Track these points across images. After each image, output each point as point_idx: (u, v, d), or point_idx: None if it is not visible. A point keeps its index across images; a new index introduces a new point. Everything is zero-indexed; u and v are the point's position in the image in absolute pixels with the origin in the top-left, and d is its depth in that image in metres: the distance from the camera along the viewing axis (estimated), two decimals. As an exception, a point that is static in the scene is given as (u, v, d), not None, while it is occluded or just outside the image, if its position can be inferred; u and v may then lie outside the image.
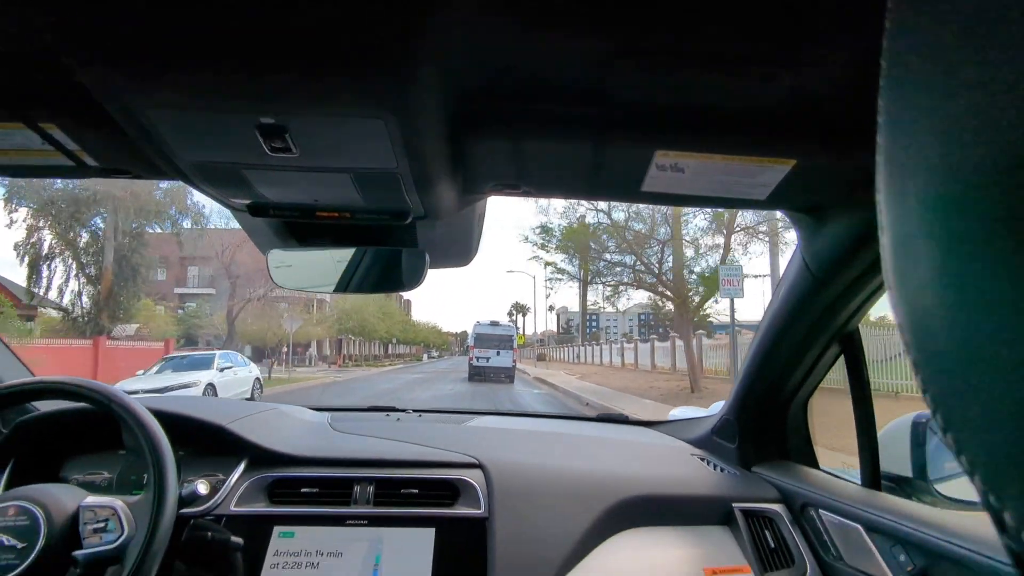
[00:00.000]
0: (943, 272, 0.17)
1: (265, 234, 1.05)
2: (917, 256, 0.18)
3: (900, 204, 0.19)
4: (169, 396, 1.79)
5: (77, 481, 1.11)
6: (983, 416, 0.16)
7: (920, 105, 0.18)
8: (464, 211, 0.96)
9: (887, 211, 0.20)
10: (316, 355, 34.28)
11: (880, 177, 0.20)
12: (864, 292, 1.02)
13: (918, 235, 0.18)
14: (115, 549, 0.84)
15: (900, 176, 0.19)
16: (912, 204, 0.18)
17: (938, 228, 0.17)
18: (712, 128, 0.74)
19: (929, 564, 0.86)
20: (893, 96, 0.20)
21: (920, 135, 0.18)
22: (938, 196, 0.17)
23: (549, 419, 1.82)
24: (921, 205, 0.18)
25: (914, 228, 0.18)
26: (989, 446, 0.16)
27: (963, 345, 0.17)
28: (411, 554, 1.02)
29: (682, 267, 14.02)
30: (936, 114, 0.17)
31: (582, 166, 0.80)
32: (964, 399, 0.17)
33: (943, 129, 0.17)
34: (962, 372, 0.17)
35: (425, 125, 0.67)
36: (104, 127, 0.70)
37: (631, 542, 1.11)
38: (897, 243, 0.19)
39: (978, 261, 0.16)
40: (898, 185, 0.19)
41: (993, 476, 0.16)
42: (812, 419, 1.33)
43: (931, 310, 0.18)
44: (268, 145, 0.68)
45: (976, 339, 0.16)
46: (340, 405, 1.71)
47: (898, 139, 0.19)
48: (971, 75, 0.16)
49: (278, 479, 1.11)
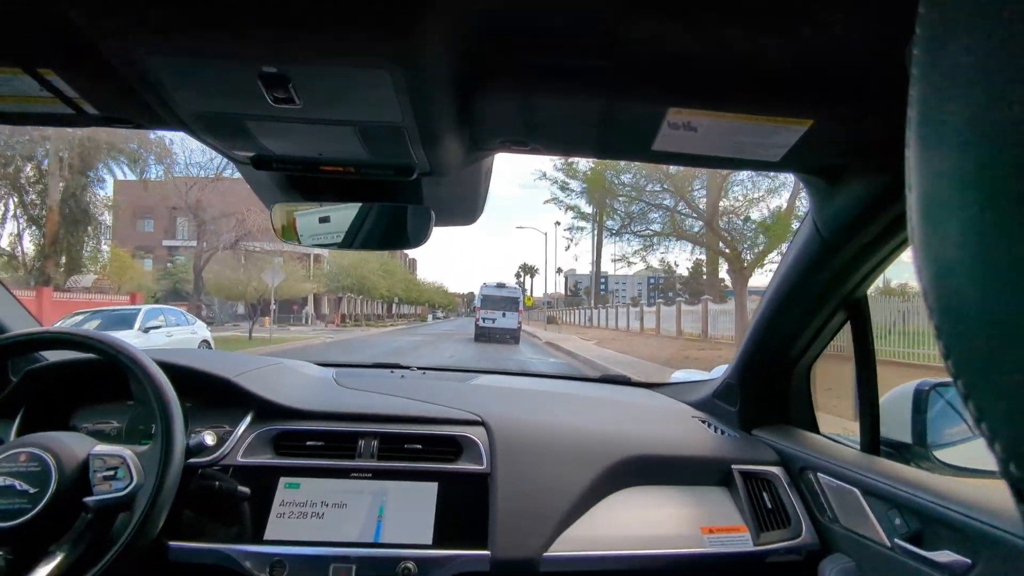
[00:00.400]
0: (975, 231, 0.16)
1: (269, 188, 1.04)
2: (947, 214, 0.17)
3: (932, 159, 0.18)
4: (176, 349, 1.82)
5: (87, 430, 1.13)
6: (1007, 383, 0.15)
7: (959, 52, 0.17)
8: (470, 168, 0.95)
9: (917, 167, 0.19)
10: (313, 314, 33.00)
11: (911, 131, 0.19)
12: (875, 258, 1.01)
13: (950, 191, 0.17)
14: (125, 496, 0.86)
15: (934, 129, 0.18)
16: (945, 159, 0.17)
17: (973, 184, 0.16)
18: (728, 86, 0.71)
19: (923, 527, 0.87)
20: (929, 43, 0.18)
21: (958, 85, 0.17)
22: (975, 150, 0.16)
23: (552, 379, 1.84)
24: (955, 159, 0.17)
25: (946, 184, 0.17)
26: (1012, 414, 0.16)
27: (991, 308, 0.16)
28: (414, 507, 1.05)
29: (734, 214, 12.40)
30: (977, 60, 0.16)
31: (593, 123, 0.78)
32: (988, 365, 0.16)
33: (984, 76, 0.16)
34: (988, 337, 0.16)
35: (430, 77, 0.65)
36: (104, 74, 0.68)
37: (630, 500, 1.13)
38: (926, 201, 0.18)
39: (1013, 220, 0.15)
40: (931, 139, 0.18)
41: (1015, 444, 0.16)
42: (815, 384, 1.34)
43: (959, 272, 0.17)
44: (271, 95, 0.66)
45: (1005, 302, 0.15)
46: (345, 361, 1.73)
47: (933, 90, 0.18)
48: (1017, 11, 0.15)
49: (284, 432, 1.13)
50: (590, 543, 1.04)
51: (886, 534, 0.93)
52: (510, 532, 1.02)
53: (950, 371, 0.18)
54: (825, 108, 0.72)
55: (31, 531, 0.82)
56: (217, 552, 0.97)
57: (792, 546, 1.07)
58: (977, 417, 0.17)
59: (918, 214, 0.19)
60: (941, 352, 0.18)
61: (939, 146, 0.18)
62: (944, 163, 0.18)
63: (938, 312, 0.18)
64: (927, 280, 0.18)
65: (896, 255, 1.00)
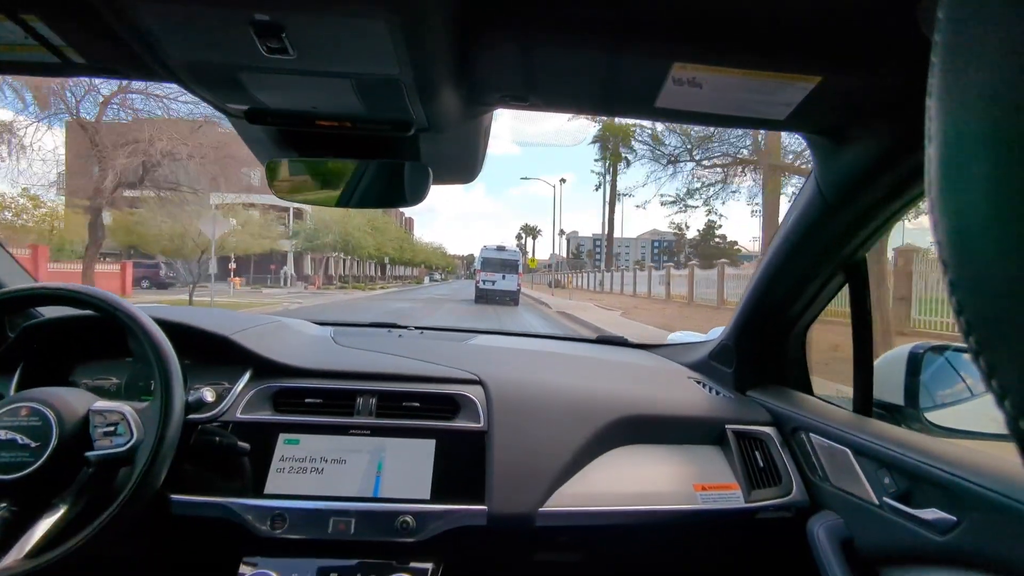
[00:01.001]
0: (999, 183, 0.16)
1: (264, 143, 1.02)
2: (970, 165, 0.17)
3: (956, 107, 0.18)
4: (174, 307, 1.81)
5: (86, 386, 1.14)
6: (1022, 339, 0.15)
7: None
8: (469, 124, 0.93)
9: (939, 116, 0.18)
10: (293, 274, 30.81)
11: (935, 77, 0.19)
12: (877, 220, 1.00)
13: (975, 141, 0.17)
14: (126, 451, 0.87)
15: (960, 75, 0.17)
16: (971, 106, 0.17)
17: (1001, 132, 0.16)
18: (736, 40, 0.69)
19: (912, 486, 0.89)
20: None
21: (988, 26, 0.16)
22: (1005, 98, 0.16)
23: (549, 339, 1.85)
24: (982, 107, 0.16)
25: (971, 133, 0.17)
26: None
27: (1010, 263, 0.16)
28: (412, 463, 1.06)
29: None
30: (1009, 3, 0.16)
31: (595, 77, 0.76)
32: (1003, 320, 0.16)
33: (1018, 18, 0.15)
34: (1005, 292, 0.16)
35: (428, 27, 0.62)
36: (90, 21, 0.66)
37: (625, 458, 1.15)
38: (948, 151, 0.18)
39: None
40: (957, 86, 0.18)
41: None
42: (811, 347, 1.35)
43: (979, 225, 0.17)
44: (264, 45, 0.64)
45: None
46: (343, 320, 1.74)
47: (961, 33, 0.18)
48: None
49: (283, 389, 1.14)
50: (585, 499, 1.06)
51: (875, 492, 0.95)
52: (507, 488, 1.04)
53: (962, 327, 0.18)
54: (834, 64, 0.70)
55: (33, 484, 0.83)
56: (218, 505, 0.99)
57: (782, 503, 1.10)
58: (988, 373, 0.17)
59: (938, 165, 0.18)
60: (954, 308, 0.18)
61: (966, 94, 0.17)
62: (970, 112, 0.17)
63: (953, 267, 0.18)
64: (943, 233, 0.18)
65: (898, 218, 1.00)
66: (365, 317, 1.77)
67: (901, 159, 0.85)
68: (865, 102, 0.78)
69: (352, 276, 40.10)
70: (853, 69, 0.71)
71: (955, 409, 1.08)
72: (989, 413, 1.10)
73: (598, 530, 1.06)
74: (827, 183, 0.98)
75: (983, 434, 1.04)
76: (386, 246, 36.72)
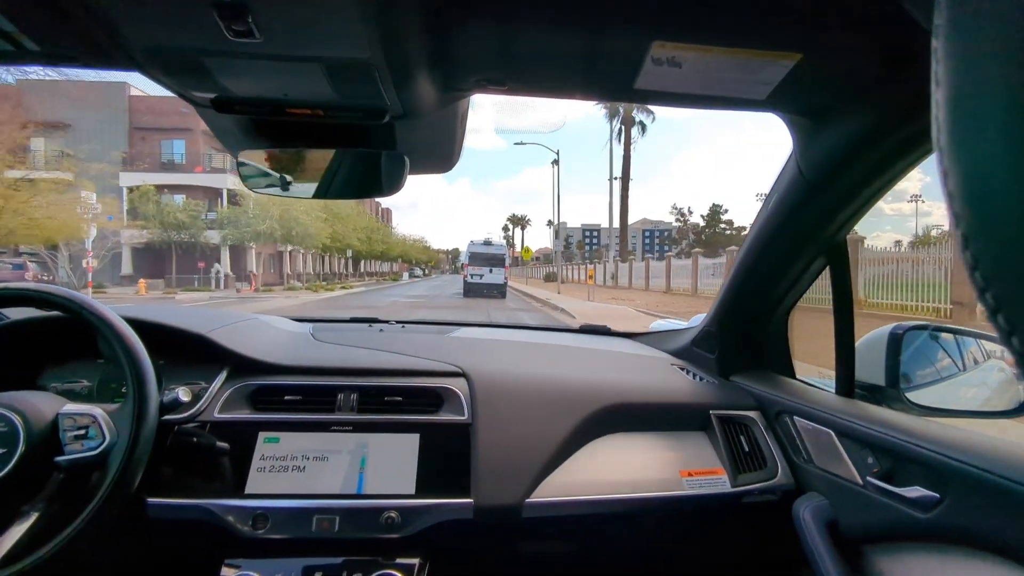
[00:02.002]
0: (1020, 123, 0.15)
1: (234, 134, 0.98)
2: (985, 105, 0.16)
3: (968, 48, 0.17)
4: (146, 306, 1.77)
5: (56, 390, 1.10)
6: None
7: None
8: (445, 111, 0.91)
9: (948, 59, 0.18)
10: (229, 273, 24.84)
11: (941, 17, 0.18)
12: (856, 201, 1.00)
13: (990, 81, 0.16)
14: (97, 456, 0.85)
15: (971, 14, 0.17)
16: (985, 46, 0.16)
17: (1018, 72, 0.15)
18: (715, 17, 0.68)
19: (895, 465, 0.90)
20: None
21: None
22: (1022, 39, 0.15)
23: (532, 330, 1.84)
24: (997, 49, 0.16)
25: (985, 74, 0.16)
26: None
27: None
28: (396, 457, 1.05)
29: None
30: None
31: (574, 58, 0.74)
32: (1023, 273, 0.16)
33: None
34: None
35: (399, 7, 0.60)
36: (43, 4, 0.63)
37: (610, 446, 1.15)
38: (959, 95, 0.17)
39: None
40: (968, 25, 0.17)
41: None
42: (792, 331, 1.35)
43: (995, 170, 0.16)
44: (229, 28, 0.61)
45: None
46: (322, 316, 1.71)
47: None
48: None
49: (261, 387, 1.11)
50: (571, 489, 1.05)
51: (859, 473, 0.96)
52: (492, 480, 1.03)
53: (977, 283, 0.17)
54: (814, 41, 0.70)
55: (2, 492, 0.80)
56: (198, 507, 0.96)
57: (768, 487, 1.10)
58: (1008, 331, 0.16)
59: (948, 111, 0.18)
60: (968, 263, 0.17)
61: (978, 28, 0.16)
62: (983, 47, 0.16)
63: (967, 219, 0.17)
64: (955, 183, 0.17)
65: (877, 198, 1.00)
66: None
67: (881, 137, 0.85)
68: (845, 80, 0.77)
69: (316, 274, 35.19)
70: (833, 46, 0.71)
71: (936, 388, 1.09)
72: (969, 392, 1.11)
73: (585, 520, 1.06)
74: (807, 164, 0.97)
75: (963, 412, 1.05)
76: (348, 236, 30.76)
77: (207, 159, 26.10)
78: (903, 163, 0.89)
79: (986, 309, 0.17)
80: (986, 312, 0.17)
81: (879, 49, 0.70)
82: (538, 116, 5.09)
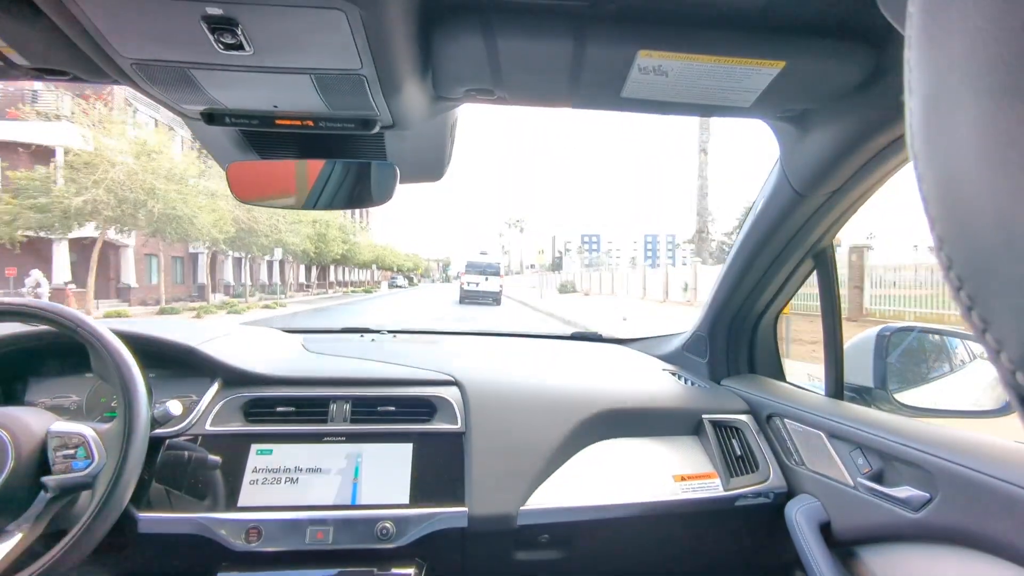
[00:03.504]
0: (988, 129, 0.16)
1: (223, 146, 0.98)
2: (955, 112, 0.17)
3: (938, 56, 0.18)
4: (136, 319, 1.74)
5: (44, 405, 1.09)
6: (1017, 285, 0.15)
7: None
8: (435, 121, 0.91)
9: (920, 68, 0.18)
10: (129, 284, 19.27)
11: (913, 27, 0.19)
12: (841, 205, 1.02)
13: (958, 90, 0.16)
14: (86, 476, 0.84)
15: (941, 23, 0.17)
16: (953, 55, 0.17)
17: (985, 75, 0.16)
18: (701, 26, 0.69)
19: (885, 466, 0.91)
20: None
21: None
22: (987, 43, 0.15)
23: (524, 338, 1.84)
24: (964, 55, 0.16)
25: (955, 83, 0.17)
26: (1021, 320, 0.15)
27: (1002, 206, 0.15)
28: (389, 467, 1.04)
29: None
30: None
31: (561, 68, 0.75)
32: (995, 271, 0.16)
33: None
34: (997, 238, 0.16)
35: (391, 18, 0.61)
36: (32, 19, 0.63)
37: (603, 452, 1.15)
38: (930, 102, 0.18)
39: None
40: (938, 35, 0.18)
41: (1022, 352, 0.15)
42: (780, 334, 1.37)
43: (966, 172, 0.16)
44: (218, 41, 0.61)
45: (1019, 197, 0.15)
46: (312, 327, 1.71)
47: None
48: None
49: (253, 399, 1.11)
50: (566, 496, 1.05)
51: (849, 474, 0.96)
52: (487, 488, 1.03)
53: (952, 282, 0.18)
54: (796, 49, 0.71)
55: None
56: (190, 521, 0.95)
57: (760, 489, 1.11)
58: (982, 328, 0.16)
59: (921, 116, 0.18)
60: (942, 264, 0.18)
61: (947, 43, 0.17)
62: (952, 61, 0.17)
63: (941, 219, 0.18)
64: (929, 187, 0.18)
65: (862, 202, 1.01)
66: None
67: (864, 142, 0.86)
68: (827, 87, 0.79)
69: (260, 285, 26.94)
70: (816, 53, 0.72)
71: (923, 389, 1.11)
72: (956, 392, 1.13)
73: (579, 526, 1.06)
74: (793, 170, 0.99)
75: (951, 411, 1.06)
76: (278, 229, 21.12)
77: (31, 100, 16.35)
78: (886, 167, 0.91)
79: (961, 307, 0.17)
80: (961, 310, 0.17)
81: (860, 56, 0.72)
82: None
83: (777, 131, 0.97)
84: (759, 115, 0.90)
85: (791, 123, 0.92)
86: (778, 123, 0.94)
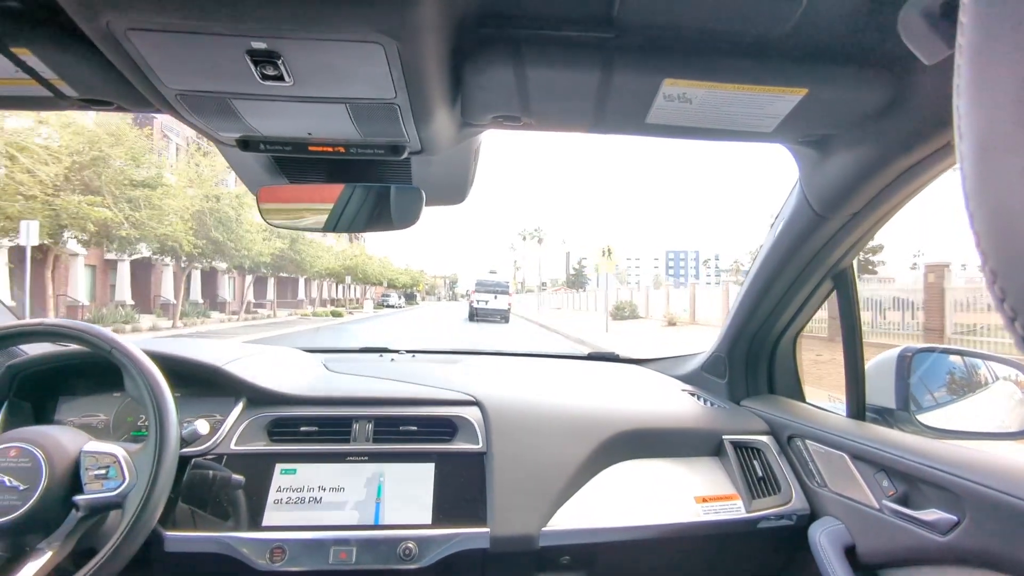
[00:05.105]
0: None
1: (254, 170, 1.01)
2: (1008, 156, 0.18)
3: (987, 105, 0.18)
4: (163, 338, 1.76)
5: (74, 424, 1.11)
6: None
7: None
8: (460, 146, 0.93)
9: (970, 114, 0.19)
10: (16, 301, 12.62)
11: (961, 79, 0.20)
12: (861, 228, 1.02)
13: (1012, 133, 0.17)
14: (117, 496, 0.85)
15: (989, 75, 0.18)
16: (1002, 104, 0.18)
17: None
18: (725, 55, 0.71)
19: (910, 488, 0.90)
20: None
21: (1012, 25, 0.17)
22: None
23: (542, 358, 1.84)
24: (1013, 104, 0.17)
25: (1007, 128, 0.18)
26: None
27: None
28: (412, 487, 1.05)
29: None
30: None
31: (587, 96, 0.77)
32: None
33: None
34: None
35: (426, 51, 0.63)
36: (82, 53, 0.66)
37: (625, 473, 1.15)
38: (982, 146, 0.19)
39: None
40: (986, 85, 0.19)
41: None
42: (800, 354, 1.36)
43: (1016, 215, 0.17)
44: (260, 73, 0.64)
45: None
46: (333, 347, 1.72)
47: (988, 34, 0.18)
48: None
49: (277, 418, 1.12)
50: (587, 517, 1.05)
51: (874, 496, 0.96)
52: (508, 509, 1.03)
53: (1006, 314, 0.18)
54: (819, 76, 0.73)
55: (20, 528, 0.80)
56: (214, 540, 0.96)
57: (783, 512, 1.10)
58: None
59: (972, 159, 0.19)
60: (995, 296, 0.19)
61: (996, 93, 0.18)
62: (1002, 109, 0.18)
63: (994, 254, 0.18)
64: (981, 224, 0.19)
65: (881, 224, 1.02)
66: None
67: (886, 166, 0.87)
68: (849, 112, 0.80)
69: (220, 302, 23.34)
70: (837, 80, 0.74)
71: (947, 410, 1.10)
72: (979, 413, 1.12)
73: (601, 548, 1.05)
74: (813, 193, 1.00)
75: (975, 433, 1.05)
76: (244, 243, 17.50)
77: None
78: (908, 189, 0.92)
79: (1015, 337, 0.18)
80: (1015, 339, 0.18)
81: (882, 83, 0.73)
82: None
83: (797, 154, 0.98)
84: (780, 140, 0.91)
85: (812, 147, 0.93)
86: (798, 147, 0.95)
